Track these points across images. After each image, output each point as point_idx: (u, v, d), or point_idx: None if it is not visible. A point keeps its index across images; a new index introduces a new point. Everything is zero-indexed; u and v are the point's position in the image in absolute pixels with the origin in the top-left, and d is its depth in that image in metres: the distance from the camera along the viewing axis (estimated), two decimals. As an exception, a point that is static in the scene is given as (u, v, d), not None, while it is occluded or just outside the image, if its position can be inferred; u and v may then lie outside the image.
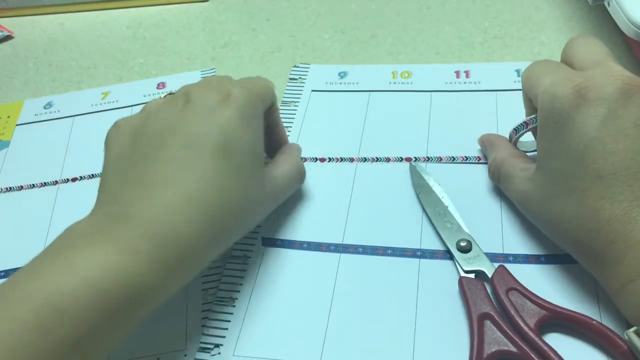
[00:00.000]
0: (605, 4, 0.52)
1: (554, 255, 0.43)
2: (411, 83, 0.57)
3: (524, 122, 0.43)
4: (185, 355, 0.42)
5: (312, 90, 0.58)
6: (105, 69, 0.66)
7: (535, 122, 0.41)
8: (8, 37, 0.73)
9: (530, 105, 0.43)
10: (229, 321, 0.43)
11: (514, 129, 0.45)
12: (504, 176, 0.44)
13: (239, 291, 0.44)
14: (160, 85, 0.61)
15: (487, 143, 0.48)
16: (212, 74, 0.62)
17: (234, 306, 0.43)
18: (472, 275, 0.42)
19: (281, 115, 0.56)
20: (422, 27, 0.64)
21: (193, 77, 0.62)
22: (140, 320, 0.35)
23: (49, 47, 0.71)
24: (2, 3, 0.74)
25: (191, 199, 0.37)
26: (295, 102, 0.58)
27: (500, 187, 0.45)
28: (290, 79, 0.60)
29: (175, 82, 0.62)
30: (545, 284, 0.41)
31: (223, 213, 0.38)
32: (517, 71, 0.56)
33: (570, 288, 0.41)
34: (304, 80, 0.60)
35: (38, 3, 0.73)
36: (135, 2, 0.73)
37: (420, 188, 0.48)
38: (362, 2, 0.68)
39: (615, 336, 0.37)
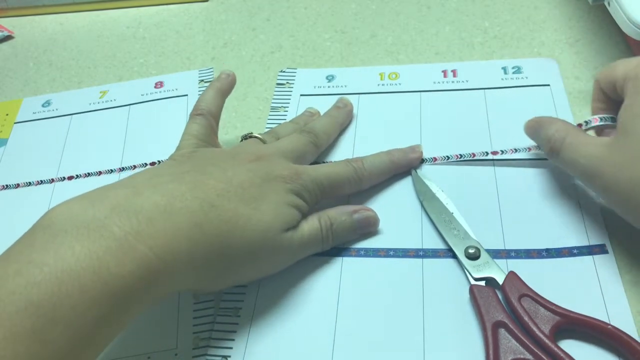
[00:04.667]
0: (606, 3, 0.51)
1: (555, 249, 0.43)
2: (399, 84, 0.57)
3: (594, 118, 0.44)
4: (176, 355, 0.41)
5: (301, 95, 0.58)
6: (105, 68, 0.66)
7: (601, 122, 0.43)
8: (8, 37, 0.73)
9: (600, 105, 0.44)
10: (235, 332, 0.42)
11: (582, 123, 0.45)
12: (569, 144, 0.42)
13: (242, 300, 0.44)
14: (158, 85, 0.61)
15: (540, 122, 0.46)
16: (210, 73, 0.62)
17: (239, 316, 0.43)
18: (483, 283, 0.41)
19: (271, 121, 0.56)
20: (422, 27, 0.63)
21: (191, 76, 0.62)
22: (130, 320, 0.35)
23: (49, 47, 0.71)
24: (2, 3, 0.74)
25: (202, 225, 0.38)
26: (284, 107, 0.57)
27: (557, 161, 0.44)
28: (278, 84, 0.60)
29: (173, 82, 0.62)
30: (548, 277, 0.41)
31: (226, 252, 0.39)
32: (504, 69, 0.56)
33: (573, 280, 0.41)
34: (291, 85, 0.59)
35: (38, 3, 0.74)
36: (135, 2, 0.73)
37: (424, 195, 0.47)
38: (362, 2, 0.68)
39: (632, 340, 0.36)
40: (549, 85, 0.54)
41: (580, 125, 0.44)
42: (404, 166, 0.49)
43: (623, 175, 0.38)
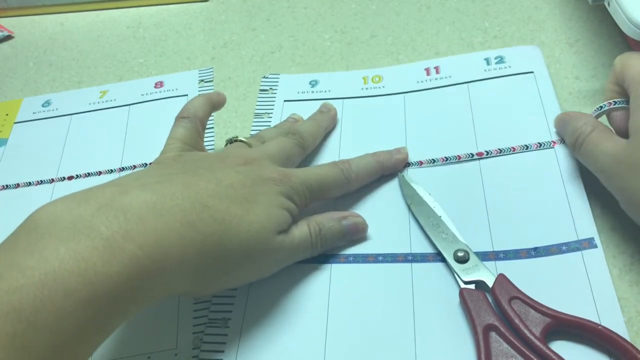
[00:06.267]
0: (605, 4, 0.51)
1: (543, 247, 0.43)
2: (383, 87, 0.57)
3: (607, 102, 0.45)
4: (176, 355, 0.41)
5: (285, 101, 0.58)
6: (105, 68, 0.66)
7: (615, 105, 0.44)
8: (8, 37, 0.73)
9: (615, 89, 0.45)
10: (224, 343, 0.42)
11: (595, 108, 0.46)
12: (591, 142, 0.43)
13: (231, 311, 0.43)
14: (158, 84, 0.61)
15: (568, 118, 0.46)
16: (210, 73, 0.62)
17: (228, 327, 0.42)
18: (472, 286, 0.41)
19: (255, 127, 0.55)
20: (422, 27, 0.63)
21: (191, 76, 0.62)
22: (118, 325, 0.34)
23: (49, 47, 0.71)
24: (2, 3, 0.74)
25: (193, 224, 0.37)
26: (268, 113, 0.57)
27: (579, 155, 0.44)
28: (261, 90, 0.59)
29: (173, 82, 0.62)
30: (537, 278, 0.41)
31: (217, 250, 0.38)
32: (487, 60, 0.56)
33: (563, 279, 0.41)
34: (275, 91, 0.59)
35: (38, 3, 0.74)
36: (135, 2, 0.73)
37: (412, 199, 0.47)
38: (362, 2, 0.68)
39: (622, 340, 0.36)
40: (532, 72, 0.54)
41: (610, 104, 0.45)
42: (390, 167, 0.49)
43: (637, 177, 0.39)
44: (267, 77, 0.61)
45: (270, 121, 0.56)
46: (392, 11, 0.66)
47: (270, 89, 0.59)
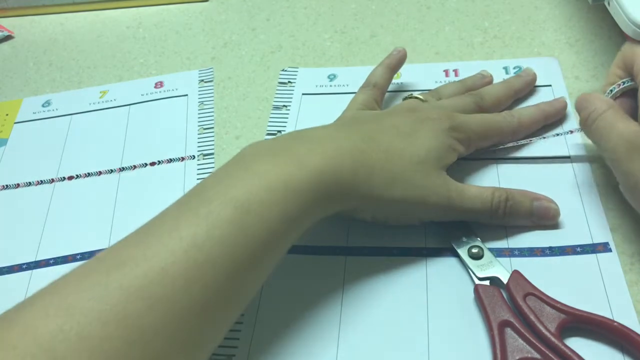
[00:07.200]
0: (606, 3, 0.51)
1: (558, 247, 0.43)
2: (401, 83, 0.57)
3: (616, 84, 0.45)
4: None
5: (303, 94, 0.58)
6: (105, 68, 0.66)
7: (624, 85, 0.45)
8: (8, 37, 0.73)
9: (619, 73, 0.46)
10: (239, 330, 0.42)
11: (606, 93, 0.46)
12: (604, 120, 0.42)
13: None
14: (158, 84, 0.61)
15: (587, 96, 0.45)
16: (210, 73, 0.62)
17: (243, 314, 0.43)
18: (487, 282, 0.41)
19: (272, 120, 0.56)
20: (422, 27, 0.64)
21: (191, 76, 0.62)
22: (308, 223, 0.40)
23: (49, 47, 0.71)
24: (2, 3, 0.74)
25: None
26: (286, 105, 0.57)
27: (590, 132, 0.44)
28: (280, 82, 0.60)
29: (173, 82, 0.62)
30: (551, 276, 0.41)
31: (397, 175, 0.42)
32: (505, 68, 0.56)
33: (577, 279, 0.41)
34: (293, 84, 0.59)
35: (38, 3, 0.74)
36: (135, 2, 0.73)
37: None
38: (362, 2, 0.68)
39: (638, 337, 0.36)
40: (550, 85, 0.54)
41: (619, 85, 0.45)
42: (552, 115, 0.50)
43: None
44: (286, 70, 0.61)
45: (287, 114, 0.56)
46: (392, 11, 0.66)
47: (289, 82, 0.60)
